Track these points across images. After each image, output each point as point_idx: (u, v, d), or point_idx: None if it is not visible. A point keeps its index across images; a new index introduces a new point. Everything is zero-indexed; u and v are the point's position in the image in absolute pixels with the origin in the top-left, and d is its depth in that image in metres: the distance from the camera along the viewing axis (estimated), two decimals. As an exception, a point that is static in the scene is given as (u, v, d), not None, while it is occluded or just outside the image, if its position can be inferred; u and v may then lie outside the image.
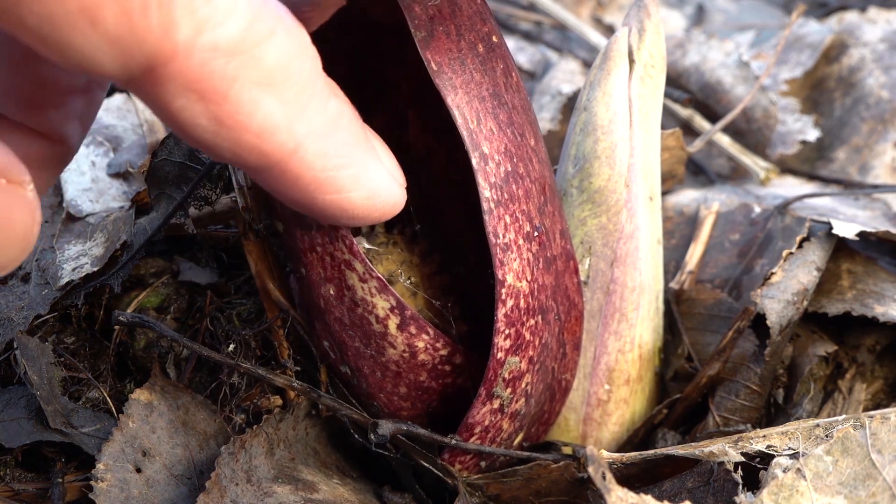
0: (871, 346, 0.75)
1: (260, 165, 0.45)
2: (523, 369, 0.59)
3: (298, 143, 0.44)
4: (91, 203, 0.77)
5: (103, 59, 0.39)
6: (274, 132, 0.43)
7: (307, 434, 0.66)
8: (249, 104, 0.42)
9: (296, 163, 0.45)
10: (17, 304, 0.70)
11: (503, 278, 0.56)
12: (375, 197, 0.49)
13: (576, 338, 0.65)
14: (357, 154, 0.48)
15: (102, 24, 0.38)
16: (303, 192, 0.47)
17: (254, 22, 0.41)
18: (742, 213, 0.85)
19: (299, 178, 0.46)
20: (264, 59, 0.42)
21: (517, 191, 0.57)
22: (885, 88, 0.96)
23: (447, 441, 0.61)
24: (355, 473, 0.67)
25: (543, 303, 0.59)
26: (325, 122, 0.45)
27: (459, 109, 0.54)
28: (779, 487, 0.56)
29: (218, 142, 0.43)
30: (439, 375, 0.60)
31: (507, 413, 0.61)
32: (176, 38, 0.39)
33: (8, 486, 0.63)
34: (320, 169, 0.46)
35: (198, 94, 0.41)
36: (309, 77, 0.45)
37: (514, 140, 0.57)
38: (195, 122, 0.42)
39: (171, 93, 0.41)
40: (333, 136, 0.46)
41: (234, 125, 0.42)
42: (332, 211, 0.49)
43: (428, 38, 0.53)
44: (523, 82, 1.08)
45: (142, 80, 0.41)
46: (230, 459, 0.60)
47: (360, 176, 0.48)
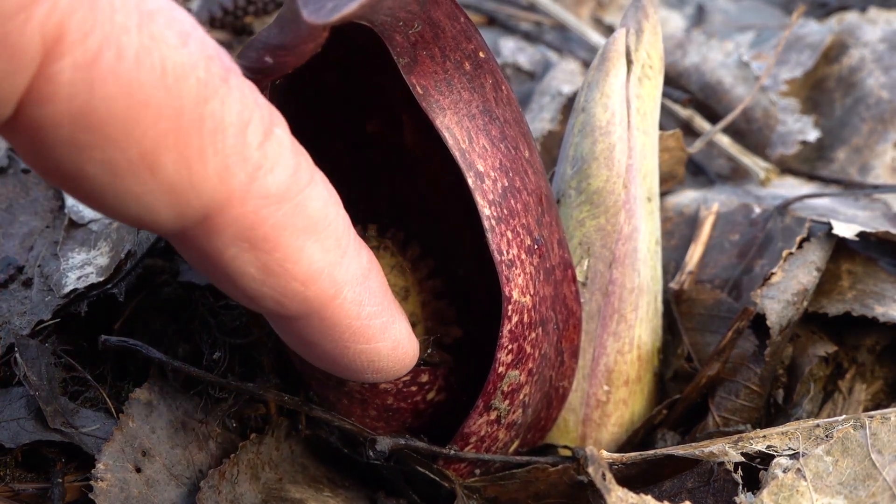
0: (871, 346, 0.75)
1: (300, 313, 0.46)
2: (522, 381, 0.59)
3: (338, 290, 0.46)
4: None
5: (160, 208, 0.40)
6: (318, 279, 0.44)
7: (293, 452, 0.65)
8: (297, 251, 0.43)
9: (334, 309, 0.46)
10: (18, 308, 0.70)
11: (510, 295, 0.56)
12: (399, 348, 0.50)
13: (573, 345, 0.65)
14: (386, 304, 0.49)
15: (162, 171, 0.38)
16: (336, 342, 0.48)
17: (298, 169, 0.43)
18: (742, 213, 0.85)
19: (336, 326, 0.47)
20: (308, 206, 0.43)
21: (516, 205, 0.56)
22: (886, 89, 0.96)
23: (446, 452, 0.60)
24: (347, 483, 0.66)
25: (544, 314, 0.59)
26: (361, 269, 0.47)
27: (449, 130, 0.54)
28: (779, 487, 0.56)
29: (264, 290, 0.44)
30: (406, 396, 0.60)
31: (504, 424, 0.61)
32: (232, 184, 0.40)
33: (8, 486, 0.63)
34: (355, 316, 0.47)
35: (250, 243, 0.42)
36: (344, 224, 0.46)
37: (509, 154, 0.56)
38: (244, 270, 0.43)
39: (224, 242, 0.42)
40: (367, 283, 0.47)
41: (282, 273, 0.43)
42: (359, 362, 0.49)
43: (412, 63, 0.53)
44: (523, 83, 1.09)
45: (195, 230, 0.41)
46: (212, 493, 0.59)
47: (388, 326, 0.49)
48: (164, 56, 0.37)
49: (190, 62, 0.38)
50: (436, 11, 0.53)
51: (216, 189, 0.40)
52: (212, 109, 0.39)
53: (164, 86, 0.37)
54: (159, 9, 0.38)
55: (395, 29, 0.51)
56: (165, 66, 0.37)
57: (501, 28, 1.18)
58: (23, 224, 0.77)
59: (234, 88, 0.40)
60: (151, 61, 0.37)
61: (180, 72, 0.38)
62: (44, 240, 0.76)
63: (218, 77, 0.39)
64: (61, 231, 0.76)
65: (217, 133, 0.39)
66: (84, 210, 0.77)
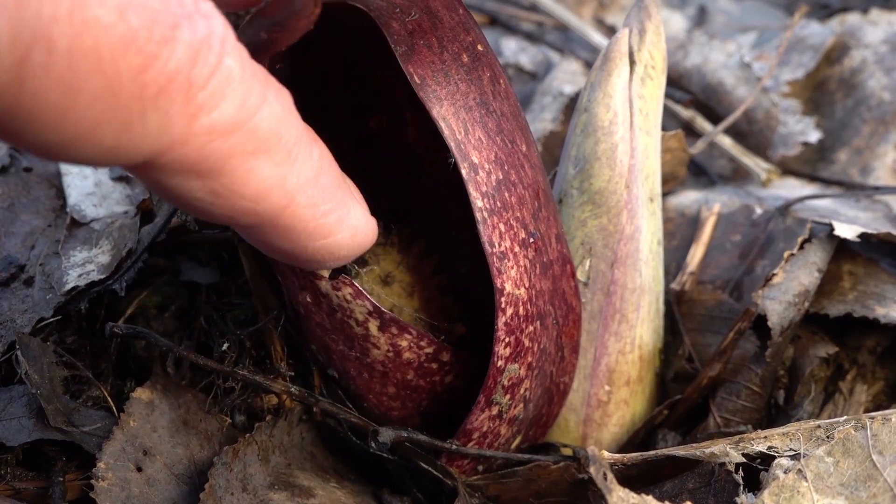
0: (872, 347, 0.75)
1: (253, 224, 0.46)
2: (522, 375, 0.59)
3: (290, 198, 0.45)
4: (94, 207, 0.77)
5: (101, 160, 0.40)
6: (268, 194, 0.44)
7: (303, 439, 0.66)
8: (245, 174, 0.42)
9: (287, 217, 0.46)
10: (20, 307, 0.70)
11: (502, 287, 0.56)
12: (357, 234, 0.50)
13: (574, 341, 0.65)
14: (339, 196, 0.48)
15: (100, 139, 0.38)
16: (294, 243, 0.47)
17: (247, 96, 0.41)
18: (743, 214, 0.85)
19: (291, 230, 0.46)
20: (259, 130, 0.42)
21: (510, 198, 0.56)
22: (887, 90, 0.96)
23: (448, 446, 0.60)
24: (353, 476, 0.67)
25: (542, 308, 0.59)
26: (312, 170, 0.46)
27: (445, 121, 0.54)
28: (780, 488, 0.56)
29: (213, 209, 0.43)
30: (427, 373, 0.60)
31: (506, 419, 0.61)
32: (172, 132, 0.39)
33: (9, 485, 0.63)
34: (311, 218, 0.47)
35: (195, 174, 0.41)
36: (297, 132, 0.45)
37: (505, 147, 0.56)
38: (192, 195, 0.42)
39: (168, 175, 0.41)
40: (319, 183, 0.46)
41: (229, 195, 0.43)
42: (320, 255, 0.49)
43: (409, 52, 0.53)
44: (525, 83, 1.09)
45: (138, 169, 0.41)
46: (224, 469, 0.60)
47: (344, 217, 0.49)
48: (98, 39, 0.36)
49: (128, 37, 0.36)
50: (433, 1, 0.53)
51: (157, 141, 0.39)
52: (154, 74, 0.37)
53: (100, 70, 0.36)
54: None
55: (391, 15, 0.52)
56: (100, 50, 0.36)
57: (503, 28, 1.18)
58: (24, 223, 0.78)
59: (179, 42, 0.38)
60: (84, 48, 0.35)
61: (118, 51, 0.36)
62: (45, 238, 0.76)
63: (162, 37, 0.37)
64: (63, 230, 0.76)
65: (160, 94, 0.38)
66: (86, 209, 0.77)
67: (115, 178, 0.80)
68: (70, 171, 0.81)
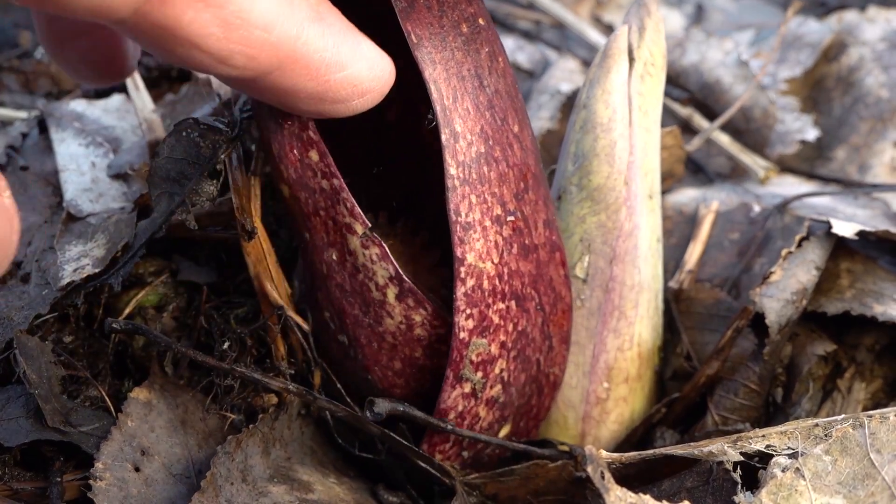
0: (870, 345, 0.75)
1: (273, 63, 0.48)
2: (494, 354, 0.59)
3: (300, 29, 0.48)
4: (91, 203, 0.77)
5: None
6: (277, 22, 0.47)
7: (302, 433, 0.66)
8: (249, 1, 0.45)
9: (302, 47, 0.48)
10: (16, 304, 0.70)
11: (462, 256, 0.57)
12: (375, 67, 0.52)
13: (563, 331, 0.65)
14: (346, 30, 0.51)
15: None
16: (316, 80, 0.50)
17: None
18: (741, 212, 0.85)
19: (310, 63, 0.49)
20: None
21: (489, 173, 0.57)
22: (885, 87, 0.96)
23: (442, 425, 0.60)
24: (352, 472, 0.67)
25: (519, 290, 0.59)
26: (310, 8, 0.49)
27: (436, 84, 0.55)
28: (778, 487, 0.56)
29: (231, 47, 0.46)
30: (435, 354, 0.60)
31: (482, 399, 0.61)
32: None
33: (7, 485, 0.63)
34: (324, 48, 0.49)
35: (204, 2, 0.44)
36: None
37: (493, 123, 0.57)
38: (207, 31, 0.45)
39: (180, 7, 0.43)
40: (326, 18, 0.49)
41: (242, 24, 0.45)
42: (345, 91, 0.51)
43: (408, 9, 0.54)
44: (522, 81, 1.08)
45: (149, 7, 0.43)
46: (226, 459, 0.60)
47: (357, 48, 0.51)
48: None
49: None
50: None
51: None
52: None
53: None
54: None
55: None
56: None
57: (500, 26, 1.18)
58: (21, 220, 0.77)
59: None
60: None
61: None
62: (42, 235, 0.76)
63: None
64: (59, 226, 0.76)
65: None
66: (82, 204, 0.77)
67: (112, 176, 0.80)
68: (67, 168, 0.81)
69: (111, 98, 0.89)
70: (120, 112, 0.87)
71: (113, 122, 0.86)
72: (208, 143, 0.61)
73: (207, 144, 0.61)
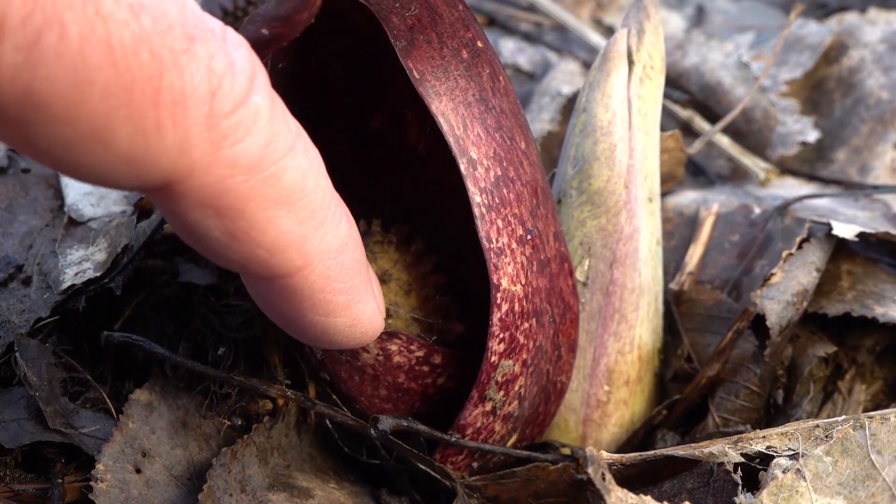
0: (871, 346, 0.75)
1: (263, 277, 0.45)
2: (517, 372, 0.59)
3: (307, 262, 0.45)
4: (92, 207, 0.77)
5: (118, 177, 0.39)
6: (285, 249, 0.44)
7: (301, 440, 0.66)
8: (264, 221, 0.42)
9: (299, 279, 0.45)
10: (17, 307, 0.70)
11: (498, 283, 0.56)
12: (357, 326, 0.50)
13: (571, 340, 0.65)
14: (356, 281, 0.48)
15: (116, 144, 0.38)
16: (295, 308, 0.47)
17: (273, 139, 0.41)
18: (742, 214, 0.85)
19: (297, 294, 0.46)
20: (283, 178, 0.42)
21: (508, 195, 0.57)
22: (885, 89, 0.96)
23: (447, 438, 0.61)
24: (352, 476, 0.66)
25: (538, 305, 0.59)
26: (337, 242, 0.46)
27: (444, 116, 0.54)
28: (778, 488, 0.56)
29: (228, 253, 0.43)
30: (418, 376, 0.60)
31: (500, 415, 0.61)
32: (193, 155, 0.39)
33: (8, 487, 0.63)
34: (319, 289, 0.46)
35: (214, 210, 0.41)
36: (324, 196, 0.45)
37: (504, 144, 0.57)
38: (208, 234, 0.42)
39: (187, 207, 0.41)
40: (340, 258, 0.46)
41: (247, 240, 0.42)
42: (313, 331, 0.49)
43: (408, 47, 0.53)
44: (523, 83, 1.09)
45: (158, 193, 0.41)
46: (223, 471, 0.60)
47: (352, 304, 0.49)
48: (110, 32, 0.36)
49: (141, 36, 0.37)
50: None
51: (176, 160, 0.39)
52: (169, 82, 0.38)
53: (112, 63, 0.36)
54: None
55: (391, 10, 0.52)
56: (112, 44, 0.36)
57: (501, 28, 1.18)
58: (22, 223, 0.77)
59: (198, 57, 0.38)
60: (96, 39, 0.36)
61: (130, 48, 0.36)
62: (43, 238, 0.76)
63: (178, 47, 0.38)
64: (60, 229, 0.76)
65: (176, 105, 0.38)
66: (83, 208, 0.77)
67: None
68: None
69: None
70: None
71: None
72: None
73: None
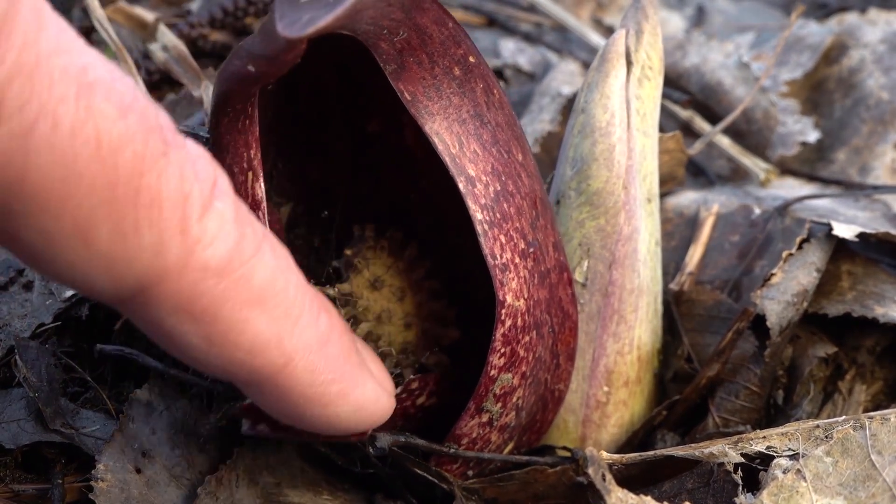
0: (871, 347, 0.75)
1: (250, 381, 0.46)
2: (515, 385, 0.59)
3: (289, 359, 0.45)
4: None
5: (96, 278, 0.40)
6: (265, 349, 0.44)
7: (290, 455, 0.65)
8: (240, 323, 0.43)
9: (285, 378, 0.46)
10: (19, 311, 0.70)
11: (503, 299, 0.56)
12: (362, 411, 0.50)
13: (570, 349, 0.65)
14: (346, 369, 0.49)
15: (96, 242, 0.39)
16: (291, 407, 0.48)
17: (241, 241, 0.42)
18: (742, 214, 0.85)
19: (288, 393, 0.47)
20: (253, 278, 0.43)
21: (509, 209, 0.56)
22: (886, 90, 0.96)
23: (446, 450, 0.60)
24: (346, 485, 0.66)
25: (538, 318, 0.59)
26: (317, 336, 0.46)
27: (439, 136, 0.54)
28: (779, 488, 0.56)
29: (209, 359, 0.44)
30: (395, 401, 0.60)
31: (497, 426, 0.61)
32: (167, 258, 0.40)
33: (8, 487, 0.63)
34: (309, 384, 0.47)
35: (190, 315, 0.42)
36: (296, 293, 0.45)
37: (501, 158, 0.56)
38: (187, 340, 0.43)
39: (163, 313, 0.42)
40: (323, 350, 0.47)
41: (225, 343, 0.43)
42: (318, 424, 0.50)
43: (399, 70, 0.53)
44: (523, 83, 1.09)
45: (133, 301, 0.41)
46: (209, 499, 0.59)
47: (349, 391, 0.49)
48: (99, 128, 0.38)
49: (127, 135, 0.38)
50: (422, 18, 0.52)
51: (151, 262, 0.40)
52: (148, 183, 0.39)
53: (99, 158, 0.38)
54: (99, 80, 0.38)
55: (379, 37, 0.52)
56: (101, 139, 0.38)
57: (501, 29, 1.18)
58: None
59: (173, 162, 0.40)
60: (87, 133, 0.37)
61: (116, 144, 0.38)
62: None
63: (156, 150, 0.39)
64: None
65: (153, 207, 0.39)
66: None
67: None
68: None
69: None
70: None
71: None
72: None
73: None
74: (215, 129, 0.54)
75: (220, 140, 0.54)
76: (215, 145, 0.55)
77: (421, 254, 0.63)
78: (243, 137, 0.54)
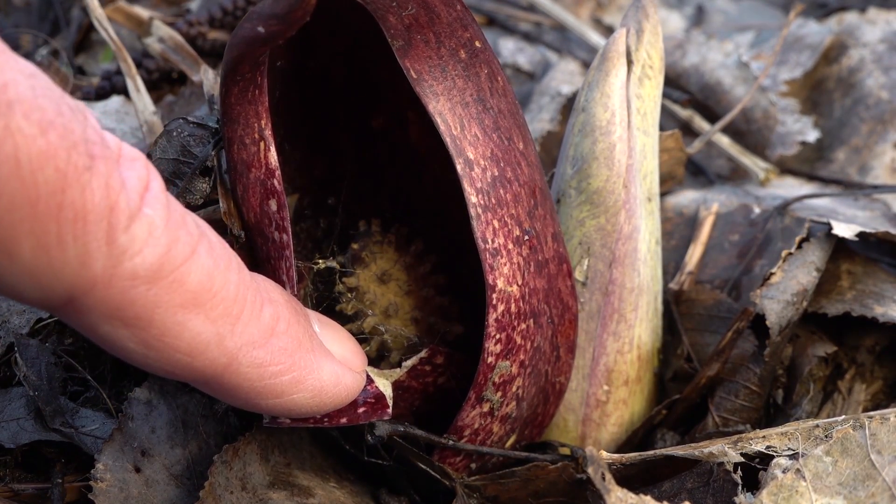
0: (871, 346, 0.75)
1: (195, 380, 0.46)
2: (514, 373, 0.59)
3: (231, 358, 0.45)
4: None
5: (23, 289, 0.40)
6: (205, 350, 0.44)
7: (301, 438, 0.66)
8: (175, 326, 0.43)
9: (231, 376, 0.46)
10: (17, 307, 0.70)
11: (494, 283, 0.56)
12: (322, 394, 0.50)
13: (570, 341, 0.65)
14: (297, 357, 0.48)
15: (20, 256, 0.39)
16: (244, 400, 0.48)
17: (172, 246, 0.42)
18: (741, 213, 0.85)
19: (237, 389, 0.47)
20: (187, 282, 0.43)
21: (505, 195, 0.57)
22: (885, 89, 0.96)
23: (444, 441, 0.60)
24: (352, 476, 0.66)
25: (535, 306, 0.59)
26: (260, 332, 0.46)
27: (441, 116, 0.55)
28: (778, 488, 0.56)
29: (149, 362, 0.44)
30: (419, 375, 0.60)
31: (498, 416, 0.61)
32: (93, 268, 0.40)
33: (8, 487, 0.63)
34: (257, 378, 0.47)
35: (121, 321, 0.42)
36: (237, 291, 0.45)
37: (501, 144, 0.57)
38: (122, 344, 0.43)
39: (95, 319, 0.42)
40: (268, 344, 0.47)
41: (162, 347, 0.43)
42: (279, 411, 0.50)
43: (406, 46, 0.53)
44: (523, 83, 1.09)
45: (66, 309, 0.41)
46: (224, 468, 0.60)
47: (302, 379, 0.49)
48: (18, 147, 0.37)
49: (48, 152, 0.38)
50: None
51: (77, 273, 0.40)
52: (71, 198, 0.39)
53: (19, 176, 0.38)
54: (19, 99, 0.38)
55: (388, 9, 0.52)
56: (20, 157, 0.37)
57: (501, 28, 1.18)
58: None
59: (98, 175, 0.40)
60: (5, 152, 0.37)
61: (36, 163, 0.38)
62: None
63: (80, 165, 0.39)
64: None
65: (77, 221, 0.39)
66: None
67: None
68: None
69: (110, 100, 0.89)
70: (119, 114, 0.87)
71: (112, 124, 0.86)
72: (198, 140, 0.61)
73: (198, 142, 0.61)
74: (225, 100, 0.54)
75: (231, 112, 0.54)
76: (226, 117, 0.55)
77: (426, 249, 0.63)
78: (253, 108, 0.54)
